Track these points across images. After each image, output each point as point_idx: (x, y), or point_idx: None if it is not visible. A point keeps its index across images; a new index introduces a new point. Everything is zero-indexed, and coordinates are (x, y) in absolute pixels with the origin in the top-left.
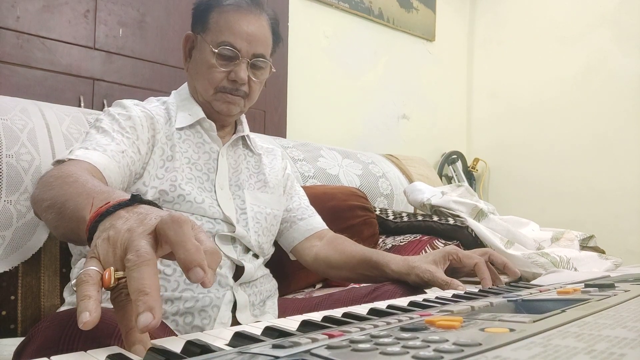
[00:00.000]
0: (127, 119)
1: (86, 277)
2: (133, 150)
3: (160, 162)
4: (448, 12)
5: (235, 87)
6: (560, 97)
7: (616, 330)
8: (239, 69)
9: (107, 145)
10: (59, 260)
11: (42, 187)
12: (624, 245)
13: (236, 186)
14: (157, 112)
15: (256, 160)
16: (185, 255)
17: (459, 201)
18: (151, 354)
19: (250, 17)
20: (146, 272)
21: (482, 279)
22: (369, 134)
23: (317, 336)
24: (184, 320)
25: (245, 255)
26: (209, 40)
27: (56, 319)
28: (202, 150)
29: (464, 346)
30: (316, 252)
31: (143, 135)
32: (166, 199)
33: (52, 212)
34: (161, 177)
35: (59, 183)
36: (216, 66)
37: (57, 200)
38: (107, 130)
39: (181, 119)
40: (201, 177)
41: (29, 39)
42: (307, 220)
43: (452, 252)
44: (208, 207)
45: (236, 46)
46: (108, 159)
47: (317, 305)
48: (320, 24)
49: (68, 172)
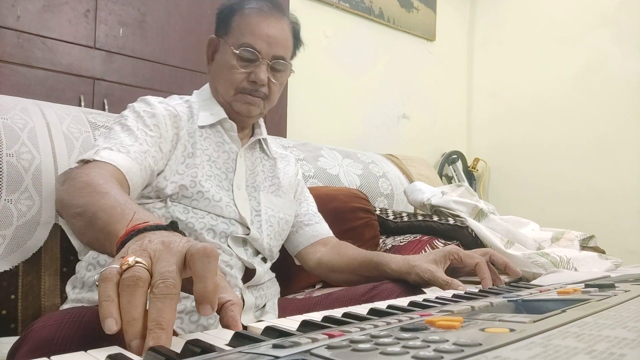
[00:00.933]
0: (152, 116)
1: (111, 274)
2: (155, 149)
3: (182, 158)
4: (448, 12)
5: (255, 88)
6: (560, 97)
7: (616, 330)
8: (259, 70)
9: (130, 146)
10: (59, 259)
11: (72, 192)
12: (624, 245)
13: (252, 187)
14: (180, 109)
15: (271, 164)
16: (203, 291)
17: (459, 201)
18: (151, 353)
19: (271, 20)
20: (168, 306)
21: (482, 278)
22: (369, 134)
23: (317, 336)
24: (189, 319)
25: (255, 258)
26: (231, 42)
27: (50, 319)
28: (221, 149)
29: (464, 346)
30: (319, 257)
31: (166, 133)
32: (185, 194)
33: (81, 220)
34: (182, 172)
35: (89, 191)
36: (237, 67)
37: (89, 210)
38: (132, 128)
39: (203, 117)
40: (220, 176)
41: (29, 39)
42: (314, 227)
43: (453, 251)
44: (225, 206)
45: (256, 47)
46: (131, 162)
47: (316, 304)
48: (321, 23)
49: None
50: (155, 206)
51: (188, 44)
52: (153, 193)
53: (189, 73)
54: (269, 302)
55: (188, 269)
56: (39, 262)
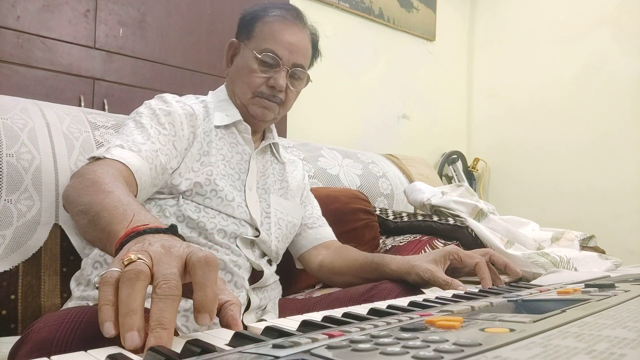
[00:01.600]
0: (167, 114)
1: (111, 278)
2: (169, 147)
3: (197, 155)
4: (448, 12)
5: (273, 94)
6: (560, 97)
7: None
8: (278, 76)
9: (142, 145)
10: (59, 259)
11: (79, 189)
12: (624, 245)
13: (263, 189)
14: (197, 108)
15: (281, 168)
16: (202, 299)
17: (459, 201)
18: (151, 353)
19: (294, 28)
20: (170, 307)
21: (482, 278)
22: (369, 134)
23: (317, 336)
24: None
25: (261, 260)
26: (253, 47)
27: (50, 319)
28: (235, 150)
29: (464, 346)
30: (321, 260)
31: (181, 131)
32: (200, 191)
33: (85, 218)
34: (197, 170)
35: (94, 190)
36: (257, 71)
37: (92, 208)
38: (145, 125)
39: (219, 118)
40: (233, 176)
41: (29, 39)
42: (317, 230)
43: (453, 251)
44: (237, 207)
45: (278, 54)
46: (141, 161)
47: (316, 304)
48: (321, 23)
49: (104, 179)
50: (167, 203)
51: (188, 44)
52: (166, 189)
53: (188, 73)
54: (270, 302)
55: (188, 275)
56: (39, 262)
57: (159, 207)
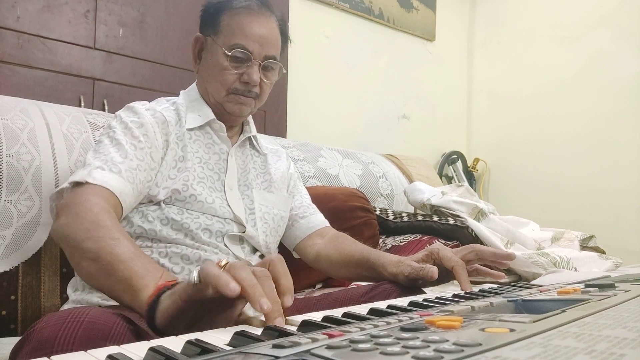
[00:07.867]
0: (140, 126)
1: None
2: (147, 161)
3: (173, 162)
4: (448, 12)
5: (248, 89)
6: (560, 97)
7: (616, 330)
8: (251, 71)
9: (121, 164)
10: (59, 260)
11: (78, 230)
12: (624, 245)
13: (245, 186)
14: (168, 114)
15: (262, 161)
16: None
17: (459, 201)
18: (151, 353)
19: (262, 19)
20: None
21: (459, 282)
22: (369, 134)
23: (317, 336)
24: None
25: (252, 256)
26: (221, 42)
27: (51, 319)
28: (212, 150)
29: (464, 346)
30: (317, 251)
31: (156, 141)
32: (178, 197)
33: (93, 266)
34: (173, 177)
35: (100, 236)
36: (229, 68)
37: (103, 258)
38: (121, 142)
39: (191, 119)
40: (212, 177)
41: (29, 39)
42: (309, 218)
43: (434, 250)
44: (218, 207)
45: (248, 48)
46: (123, 182)
47: (315, 304)
48: (321, 24)
49: (104, 220)
50: (149, 208)
51: (188, 44)
52: (145, 198)
53: (188, 73)
54: None
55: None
56: (39, 263)
57: (141, 214)
